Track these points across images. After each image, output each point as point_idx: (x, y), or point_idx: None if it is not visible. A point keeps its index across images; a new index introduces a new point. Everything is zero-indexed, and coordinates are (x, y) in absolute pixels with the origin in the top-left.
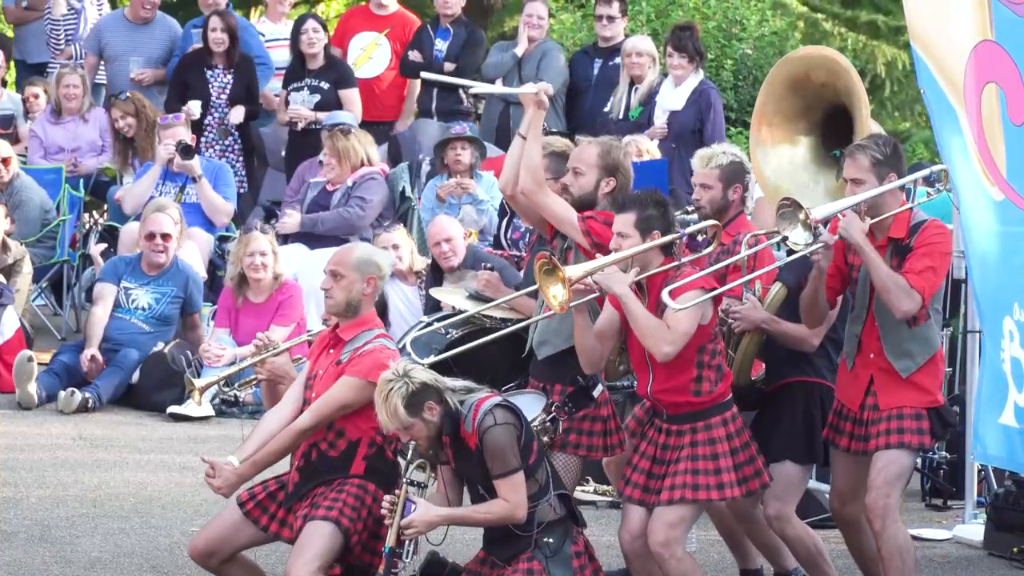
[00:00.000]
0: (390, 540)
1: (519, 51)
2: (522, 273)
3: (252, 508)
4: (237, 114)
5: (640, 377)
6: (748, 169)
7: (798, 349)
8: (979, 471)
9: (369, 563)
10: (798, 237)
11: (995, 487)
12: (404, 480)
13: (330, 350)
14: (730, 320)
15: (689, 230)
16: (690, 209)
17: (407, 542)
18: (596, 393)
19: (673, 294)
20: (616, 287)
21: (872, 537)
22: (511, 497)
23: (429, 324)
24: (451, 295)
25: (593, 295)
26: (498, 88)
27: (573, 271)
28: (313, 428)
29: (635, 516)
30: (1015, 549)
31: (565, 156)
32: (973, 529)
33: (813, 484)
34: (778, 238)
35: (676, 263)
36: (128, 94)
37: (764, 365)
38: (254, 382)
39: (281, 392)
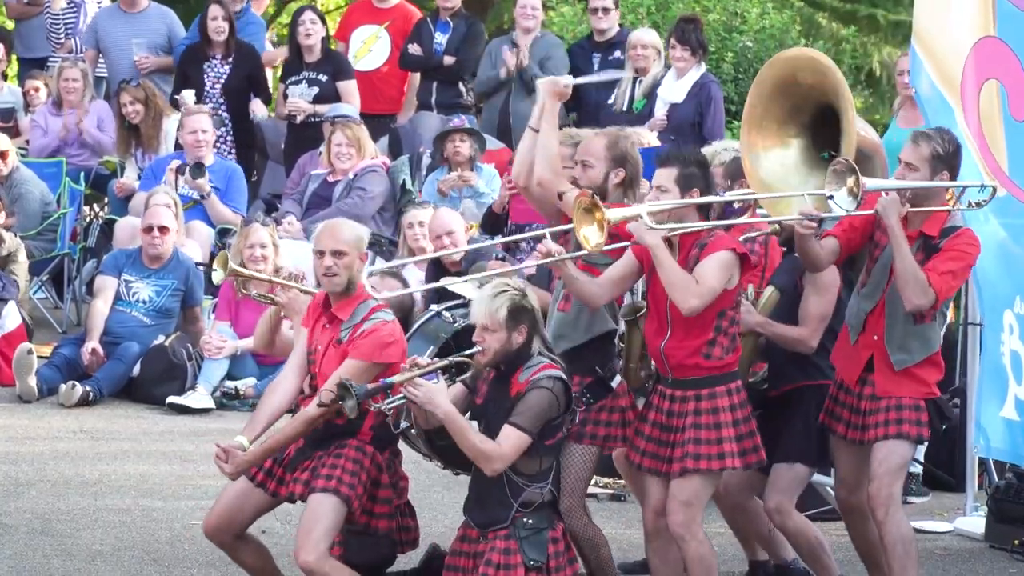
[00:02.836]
0: (396, 379)
1: (520, 42)
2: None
3: (256, 473)
4: (257, 107)
5: (656, 333)
6: None
7: (795, 350)
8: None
9: (367, 524)
10: (841, 200)
11: (996, 479)
12: (450, 359)
13: (326, 325)
14: None
15: (728, 196)
16: None
17: (398, 398)
18: (614, 384)
19: (703, 253)
20: (648, 237)
21: (875, 526)
22: (506, 447)
23: (438, 314)
24: (463, 286)
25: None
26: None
27: (612, 214)
28: (324, 416)
29: (656, 494)
30: (1016, 541)
31: None
32: (974, 521)
33: (814, 477)
34: (826, 194)
35: (710, 225)
36: (140, 81)
37: (765, 365)
38: (271, 301)
39: (281, 336)
